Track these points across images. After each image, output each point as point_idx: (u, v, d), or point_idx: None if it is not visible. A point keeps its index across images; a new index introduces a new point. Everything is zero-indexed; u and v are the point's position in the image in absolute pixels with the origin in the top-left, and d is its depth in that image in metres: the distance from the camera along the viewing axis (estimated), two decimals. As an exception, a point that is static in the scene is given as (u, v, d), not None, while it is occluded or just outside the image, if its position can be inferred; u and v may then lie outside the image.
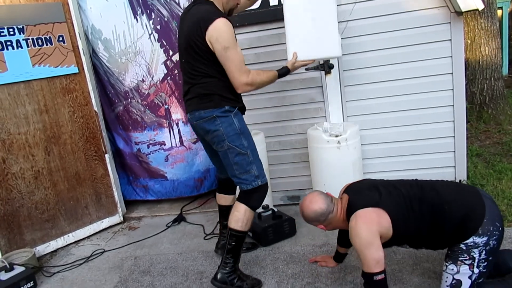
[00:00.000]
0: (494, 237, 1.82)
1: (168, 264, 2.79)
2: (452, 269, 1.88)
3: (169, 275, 2.65)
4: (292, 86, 3.30)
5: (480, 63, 4.93)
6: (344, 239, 2.31)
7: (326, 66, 3.03)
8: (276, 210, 3.11)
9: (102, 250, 3.12)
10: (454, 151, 3.29)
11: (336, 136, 2.91)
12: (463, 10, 2.88)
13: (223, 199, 2.74)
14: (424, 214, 1.89)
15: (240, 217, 2.29)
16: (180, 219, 3.46)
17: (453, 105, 3.17)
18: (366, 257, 1.80)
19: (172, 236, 3.22)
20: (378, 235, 1.83)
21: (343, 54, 3.14)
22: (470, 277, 1.85)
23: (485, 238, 1.80)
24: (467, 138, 3.32)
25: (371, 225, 1.84)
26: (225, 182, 2.67)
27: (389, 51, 3.14)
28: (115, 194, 3.52)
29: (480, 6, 2.88)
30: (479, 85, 4.96)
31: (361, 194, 2.02)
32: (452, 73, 3.11)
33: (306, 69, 3.09)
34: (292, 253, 2.74)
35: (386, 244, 1.94)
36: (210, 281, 2.39)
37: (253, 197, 2.31)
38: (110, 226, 3.52)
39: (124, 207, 3.69)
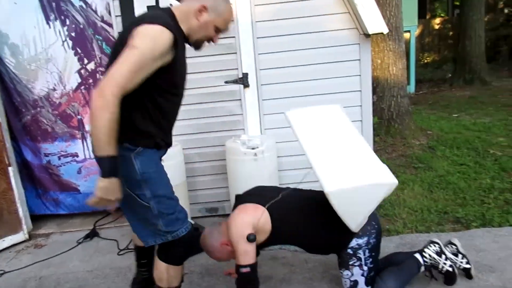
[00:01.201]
0: (373, 235, 2.04)
1: (76, 283, 2.65)
2: (347, 274, 2.08)
3: (78, 295, 2.52)
4: (212, 99, 3.33)
5: (388, 81, 5.33)
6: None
7: (245, 80, 3.10)
8: (193, 222, 3.08)
9: (2, 272, 2.88)
10: (363, 163, 3.50)
11: (253, 149, 2.98)
12: (370, 33, 3.13)
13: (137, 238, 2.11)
14: (310, 216, 2.08)
15: (163, 276, 1.92)
16: (92, 234, 3.31)
17: (361, 120, 3.40)
18: (236, 249, 1.93)
19: (83, 253, 3.07)
20: (251, 227, 1.95)
21: (260, 69, 3.25)
22: (363, 275, 2.06)
23: (365, 238, 2.02)
24: (375, 151, 3.55)
25: (245, 215, 1.99)
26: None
27: (303, 68, 3.30)
28: (20, 209, 3.27)
29: (385, 30, 3.13)
30: (387, 102, 5.35)
31: (247, 196, 2.18)
32: (360, 91, 3.33)
33: (226, 82, 3.14)
34: (207, 265, 2.74)
35: (270, 243, 2.07)
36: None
37: (170, 253, 1.90)
38: (13, 245, 3.25)
39: (30, 223, 3.43)
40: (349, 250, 2.03)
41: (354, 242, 2.02)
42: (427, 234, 2.91)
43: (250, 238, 1.91)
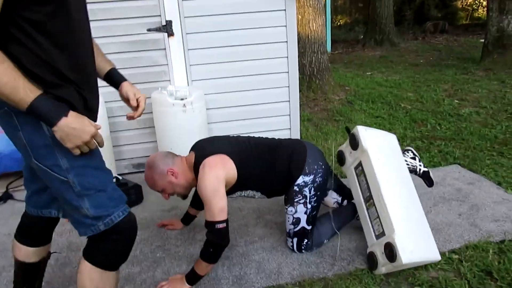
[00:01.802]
0: (319, 174, 2.12)
1: (-7, 247, 2.43)
2: (291, 211, 2.14)
3: (-4, 258, 2.31)
4: (134, 48, 3.14)
5: (309, 37, 5.43)
6: (198, 199, 2.34)
7: (168, 28, 2.95)
8: (121, 178, 2.96)
9: None
10: (289, 115, 3.58)
11: (182, 99, 2.88)
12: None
13: (21, 251, 1.64)
14: (263, 155, 2.11)
15: (86, 284, 1.38)
16: (6, 197, 3.03)
17: (287, 72, 3.44)
18: (211, 205, 1.84)
19: (-3, 216, 2.81)
20: (223, 182, 1.91)
21: (185, 17, 3.11)
22: (305, 213, 2.13)
23: (311, 176, 2.10)
24: (299, 106, 3.64)
25: (217, 170, 1.91)
26: (28, 222, 1.63)
27: (230, 17, 3.21)
28: None
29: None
30: (308, 58, 5.47)
31: (206, 146, 2.10)
32: (286, 42, 3.35)
33: (148, 30, 2.97)
34: (140, 220, 2.62)
35: (233, 190, 2.08)
36: None
37: (98, 249, 1.38)
38: None
39: None
40: (296, 187, 2.10)
41: (300, 179, 2.09)
42: (350, 178, 3.08)
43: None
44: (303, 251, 2.19)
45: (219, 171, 1.91)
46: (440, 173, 3.06)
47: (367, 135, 2.17)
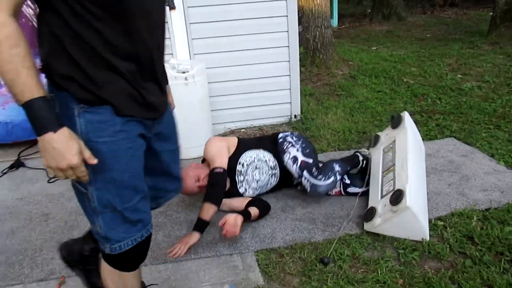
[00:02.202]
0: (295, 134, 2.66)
1: (7, 210, 2.58)
2: (286, 156, 2.49)
3: (9, 221, 2.47)
4: (137, 22, 3.20)
5: (313, 11, 5.43)
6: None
7: (171, 1, 3.01)
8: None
9: None
10: (290, 89, 3.66)
11: (184, 73, 2.97)
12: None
13: None
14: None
15: (108, 284, 1.38)
16: (18, 165, 3.18)
17: (288, 46, 3.50)
18: (214, 160, 2.32)
19: (10, 183, 2.96)
20: (226, 148, 2.42)
21: (188, -9, 3.16)
22: (297, 150, 2.48)
23: (288, 132, 2.64)
24: (302, 81, 3.71)
25: (220, 140, 2.46)
26: None
27: (232, -9, 3.26)
28: None
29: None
30: (312, 32, 5.48)
31: None
32: (286, 16, 3.39)
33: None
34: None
35: (239, 152, 2.50)
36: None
37: (110, 259, 1.32)
38: None
39: None
40: (280, 140, 2.55)
41: (281, 134, 2.60)
42: (348, 151, 3.17)
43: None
44: (322, 179, 2.36)
45: (222, 142, 2.45)
46: (435, 145, 3.14)
47: (409, 120, 2.64)
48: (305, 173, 2.38)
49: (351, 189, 2.50)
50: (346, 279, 1.85)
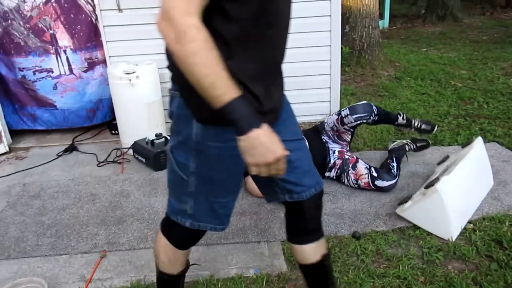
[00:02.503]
0: None
1: (59, 189, 2.83)
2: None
3: (61, 198, 2.71)
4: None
5: (361, 11, 5.41)
6: None
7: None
8: (169, 137, 3.26)
9: (-14, 179, 3.03)
10: (330, 87, 3.70)
11: (128, 74, 3.07)
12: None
13: (297, 251, 1.56)
14: None
15: (158, 254, 1.51)
16: (72, 148, 3.46)
17: (330, 46, 3.54)
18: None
19: (64, 164, 3.23)
20: None
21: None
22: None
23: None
24: (345, 80, 3.75)
25: None
26: (290, 214, 1.58)
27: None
28: (-2, 123, 3.37)
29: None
30: (358, 32, 5.46)
31: None
32: (330, 16, 3.44)
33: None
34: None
35: None
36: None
37: (173, 231, 1.45)
38: (-6, 156, 3.39)
39: (9, 137, 3.54)
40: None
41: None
42: (384, 151, 3.18)
43: None
44: (380, 177, 2.54)
45: None
46: (475, 150, 3.08)
47: (479, 143, 2.55)
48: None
49: (379, 182, 2.54)
50: (367, 272, 1.91)
